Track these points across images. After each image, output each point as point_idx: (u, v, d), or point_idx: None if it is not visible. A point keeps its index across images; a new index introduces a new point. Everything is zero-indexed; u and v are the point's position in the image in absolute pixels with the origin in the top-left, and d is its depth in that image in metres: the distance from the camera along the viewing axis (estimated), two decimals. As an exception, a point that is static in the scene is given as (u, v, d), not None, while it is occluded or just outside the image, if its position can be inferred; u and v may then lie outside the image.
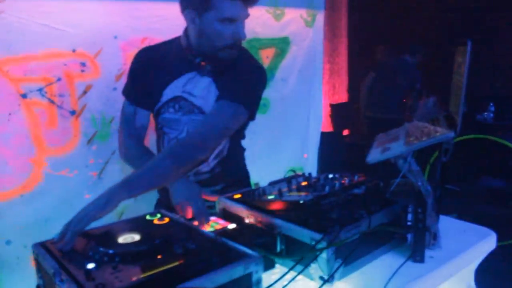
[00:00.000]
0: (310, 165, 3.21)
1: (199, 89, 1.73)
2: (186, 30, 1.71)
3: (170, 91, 1.74)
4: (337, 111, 5.70)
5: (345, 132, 5.78)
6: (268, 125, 2.86)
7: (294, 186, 1.52)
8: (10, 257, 2.04)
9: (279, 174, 3.00)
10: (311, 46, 3.04)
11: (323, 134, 3.37)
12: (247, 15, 1.60)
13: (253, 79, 1.73)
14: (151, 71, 1.73)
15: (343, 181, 1.48)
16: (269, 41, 2.83)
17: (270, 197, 1.44)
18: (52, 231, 2.09)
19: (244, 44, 2.69)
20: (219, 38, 1.58)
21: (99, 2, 2.17)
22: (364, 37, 6.10)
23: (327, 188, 1.40)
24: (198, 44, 1.65)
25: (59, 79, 2.10)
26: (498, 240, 1.59)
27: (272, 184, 1.68)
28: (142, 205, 2.34)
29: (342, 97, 6.23)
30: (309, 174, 1.70)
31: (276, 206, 1.37)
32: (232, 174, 1.90)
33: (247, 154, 2.83)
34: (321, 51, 3.15)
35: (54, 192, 2.10)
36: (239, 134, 1.91)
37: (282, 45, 2.87)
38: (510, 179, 5.00)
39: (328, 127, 5.54)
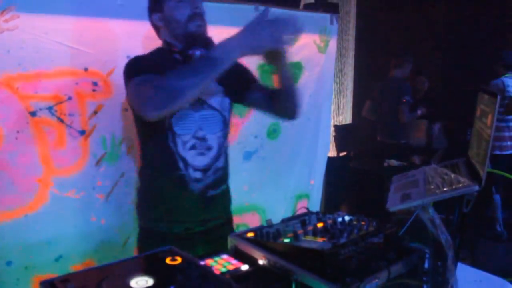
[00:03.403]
0: (316, 191, 3.18)
1: None
2: (161, 38, 1.86)
3: None
4: (341, 132, 5.67)
5: (346, 153, 5.74)
6: (278, 151, 2.84)
7: (309, 228, 1.48)
8: (10, 278, 2.00)
9: (285, 201, 3.00)
10: (322, 72, 3.02)
11: (328, 159, 3.34)
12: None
13: None
14: (163, 65, 1.70)
15: (360, 227, 1.45)
16: (281, 65, 2.80)
17: (286, 240, 1.40)
18: (54, 253, 2.08)
19: (257, 68, 2.69)
20: (179, 12, 1.74)
21: (113, 21, 2.15)
22: (372, 60, 6.10)
23: (345, 235, 1.36)
24: (172, 36, 1.79)
25: (69, 98, 2.07)
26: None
27: (285, 222, 1.65)
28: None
29: (347, 117, 6.21)
30: (323, 213, 1.67)
31: (293, 251, 1.34)
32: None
33: (255, 179, 2.81)
34: (332, 77, 3.14)
35: (59, 214, 2.06)
36: None
37: (294, 70, 2.85)
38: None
39: (331, 149, 5.51)
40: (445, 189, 1.34)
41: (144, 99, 1.55)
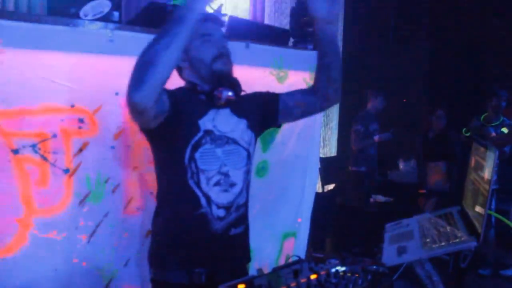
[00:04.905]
0: (303, 229, 3.14)
1: (226, 123, 1.80)
2: (184, 78, 1.85)
3: (204, 124, 1.75)
4: (326, 164, 5.66)
5: (332, 187, 5.74)
6: (266, 189, 2.79)
7: (303, 280, 1.43)
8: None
9: (272, 239, 2.94)
10: (311, 109, 3.01)
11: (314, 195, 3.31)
12: (222, 34, 1.84)
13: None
14: (187, 102, 1.76)
15: (355, 281, 1.40)
16: (271, 103, 2.79)
17: (279, 295, 1.35)
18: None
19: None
20: (204, 52, 1.74)
21: (102, 57, 2.10)
22: (357, 92, 6.14)
23: (340, 291, 1.32)
24: (196, 76, 1.78)
25: (54, 135, 2.00)
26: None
27: (276, 271, 1.59)
28: (132, 271, 2.24)
29: (332, 149, 6.22)
30: (314, 261, 1.62)
31: (287, 308, 1.28)
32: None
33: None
34: (320, 114, 3.13)
35: (39, 256, 1.96)
36: None
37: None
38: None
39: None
40: (442, 243, 1.31)
41: (127, 85, 1.53)
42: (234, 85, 1.81)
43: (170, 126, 1.69)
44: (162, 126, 1.68)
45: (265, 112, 1.93)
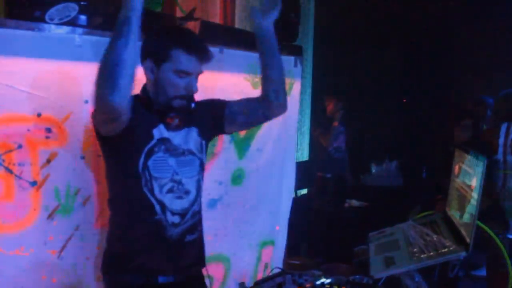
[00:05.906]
0: (281, 236, 3.10)
1: (178, 136, 1.79)
2: (144, 87, 1.80)
3: (158, 132, 1.75)
4: (299, 169, 5.63)
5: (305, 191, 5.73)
6: (242, 197, 2.74)
7: (287, 295, 1.38)
8: None
9: (250, 248, 2.88)
10: (286, 115, 2.96)
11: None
12: (201, 71, 1.77)
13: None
14: (141, 110, 1.74)
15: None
16: (246, 109, 2.73)
17: (264, 312, 1.29)
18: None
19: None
20: (173, 88, 1.72)
21: (71, 63, 2.01)
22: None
23: (327, 306, 1.27)
24: (155, 95, 1.76)
25: (20, 146, 1.89)
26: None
27: (259, 284, 1.55)
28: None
29: (304, 154, 6.19)
30: (299, 274, 1.58)
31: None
32: None
33: (219, 228, 2.71)
34: (295, 120, 3.10)
35: (5, 275, 1.85)
36: None
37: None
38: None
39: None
40: (430, 253, 1.28)
41: (98, 92, 1.53)
42: (187, 105, 1.77)
43: (127, 133, 1.68)
44: (122, 133, 1.67)
45: (213, 119, 1.95)
